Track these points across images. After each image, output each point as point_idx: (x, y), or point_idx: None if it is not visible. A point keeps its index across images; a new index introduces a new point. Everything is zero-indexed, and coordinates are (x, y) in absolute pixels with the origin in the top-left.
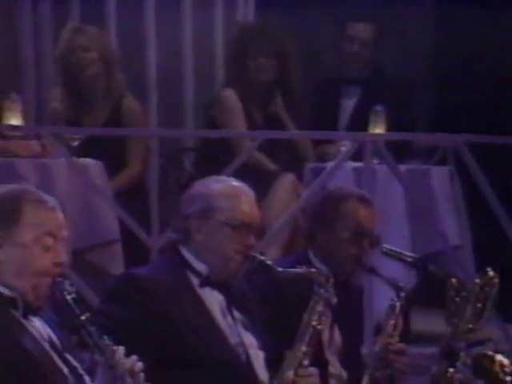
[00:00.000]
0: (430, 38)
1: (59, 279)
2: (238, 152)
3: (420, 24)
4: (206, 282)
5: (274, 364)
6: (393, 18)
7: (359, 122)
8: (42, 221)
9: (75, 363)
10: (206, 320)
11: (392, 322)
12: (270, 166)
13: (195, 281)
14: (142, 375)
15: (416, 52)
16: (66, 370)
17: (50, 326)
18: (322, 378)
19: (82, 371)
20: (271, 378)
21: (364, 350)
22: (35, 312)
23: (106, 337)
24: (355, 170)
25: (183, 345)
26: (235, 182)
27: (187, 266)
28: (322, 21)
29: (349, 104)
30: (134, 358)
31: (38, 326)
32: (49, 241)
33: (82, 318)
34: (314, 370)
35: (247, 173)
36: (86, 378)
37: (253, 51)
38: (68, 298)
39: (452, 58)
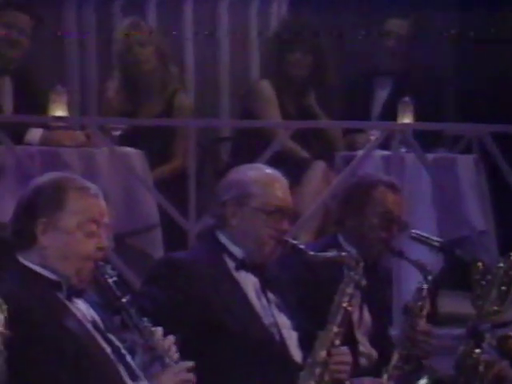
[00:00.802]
0: (456, 28)
1: (101, 263)
2: (272, 141)
3: (446, 15)
4: (241, 265)
5: (307, 344)
6: (423, 12)
7: (391, 113)
8: (86, 208)
9: (118, 343)
10: (241, 301)
11: (419, 303)
12: (303, 154)
13: (231, 264)
14: (178, 355)
15: (443, 43)
16: (108, 349)
17: (94, 308)
18: (352, 357)
19: (124, 351)
20: (304, 357)
21: (392, 331)
22: (79, 294)
23: (145, 319)
24: (384, 158)
25: (220, 325)
26: (269, 170)
27: (223, 250)
28: (355, 14)
29: (381, 95)
30: (172, 338)
31: (82, 308)
32: (92, 227)
33: (123, 300)
34: (345, 349)
35: (280, 161)
36: (128, 358)
37: (291, 46)
38: (110, 281)
39: (477, 51)
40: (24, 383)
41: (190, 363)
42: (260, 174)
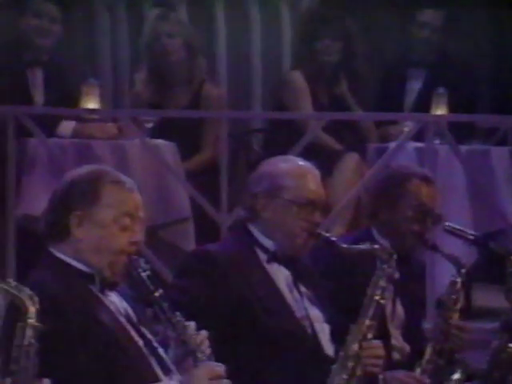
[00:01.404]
0: (490, 19)
1: (135, 257)
2: (305, 132)
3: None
4: (273, 257)
5: (339, 337)
6: (457, 2)
7: (425, 104)
8: (121, 201)
9: (150, 336)
10: (273, 294)
11: (453, 297)
12: (335, 145)
13: (263, 257)
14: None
15: (477, 34)
16: (141, 342)
17: (127, 300)
18: (385, 351)
19: (156, 344)
20: (336, 350)
21: (425, 324)
22: (112, 287)
23: (178, 313)
24: (417, 150)
25: (251, 318)
26: (301, 162)
27: (255, 242)
28: (389, 4)
29: (415, 86)
30: (204, 333)
31: (115, 301)
32: (126, 221)
33: (156, 294)
34: (377, 343)
35: (313, 152)
36: (161, 351)
37: (319, 33)
38: (143, 275)
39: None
40: (55, 377)
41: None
42: (292, 165)
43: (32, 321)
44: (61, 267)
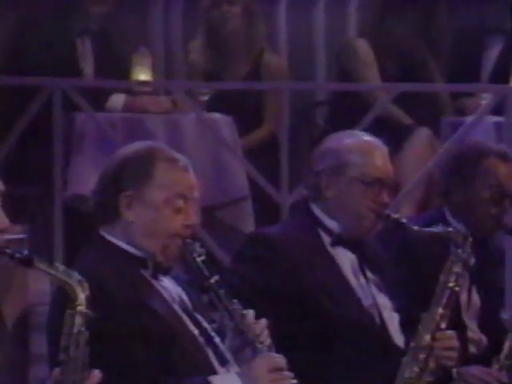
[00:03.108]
0: None
1: (189, 241)
2: (372, 105)
3: None
4: (337, 240)
5: (410, 327)
6: None
7: (503, 75)
8: (174, 182)
9: (206, 324)
10: (337, 280)
11: None
12: (405, 119)
13: (327, 239)
14: (270, 341)
15: None
16: (196, 331)
17: (181, 286)
18: (460, 343)
19: (212, 333)
20: (407, 341)
21: (504, 315)
22: (165, 272)
23: (235, 300)
24: (496, 124)
25: (314, 306)
26: (368, 137)
27: (318, 223)
28: None
29: (492, 55)
30: (264, 322)
31: (168, 286)
32: (180, 202)
33: (212, 280)
34: (452, 334)
35: (381, 127)
36: (217, 340)
37: (391, 1)
38: (198, 259)
39: None
40: (106, 367)
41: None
42: (358, 141)
43: (82, 308)
44: (111, 251)
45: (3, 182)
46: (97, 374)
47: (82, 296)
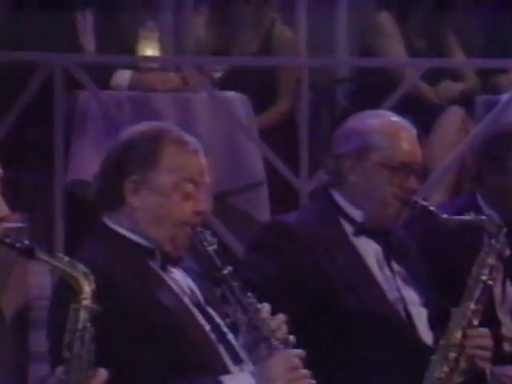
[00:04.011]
0: None
1: (200, 229)
2: (399, 83)
3: None
4: (360, 229)
5: (439, 323)
6: None
7: None
8: (183, 165)
9: (218, 319)
10: (360, 272)
11: None
12: (435, 98)
13: (349, 229)
14: (291, 338)
15: None
16: (207, 327)
17: (192, 278)
18: (493, 341)
19: (225, 329)
20: (436, 339)
21: None
22: (175, 263)
23: (249, 294)
24: None
25: (335, 300)
26: (394, 117)
27: (340, 211)
28: None
29: None
30: (281, 317)
31: (178, 278)
32: (189, 187)
33: (224, 271)
34: (484, 331)
35: (408, 106)
36: (230, 337)
37: None
38: (209, 249)
39: None
40: (113, 366)
41: (299, 351)
42: (383, 122)
43: (87, 302)
44: (116, 240)
45: (1, 166)
46: (103, 373)
47: (87, 289)
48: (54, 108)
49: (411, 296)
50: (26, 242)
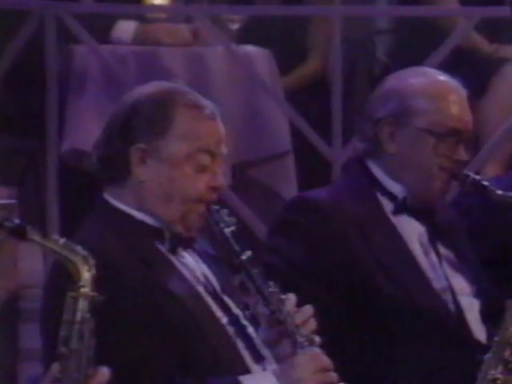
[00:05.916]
0: None
1: (216, 207)
2: (448, 35)
3: None
4: (401, 207)
5: (493, 317)
6: None
7: None
8: (198, 133)
9: (237, 311)
10: (402, 257)
11: None
12: (492, 52)
13: (388, 206)
14: (316, 338)
15: None
16: (224, 319)
17: (206, 263)
18: None
19: (244, 321)
20: (489, 334)
21: None
22: (186, 245)
23: (271, 283)
24: None
25: (372, 289)
26: (441, 76)
27: (377, 186)
28: None
29: None
30: (309, 309)
31: (190, 263)
32: (204, 159)
33: (243, 257)
34: None
35: (459, 62)
36: (250, 330)
37: None
38: (226, 231)
39: None
40: (116, 362)
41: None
42: (428, 81)
43: (86, 290)
44: (119, 219)
45: None
46: (104, 371)
47: (86, 275)
48: (47, 64)
49: (461, 285)
50: (16, 220)
